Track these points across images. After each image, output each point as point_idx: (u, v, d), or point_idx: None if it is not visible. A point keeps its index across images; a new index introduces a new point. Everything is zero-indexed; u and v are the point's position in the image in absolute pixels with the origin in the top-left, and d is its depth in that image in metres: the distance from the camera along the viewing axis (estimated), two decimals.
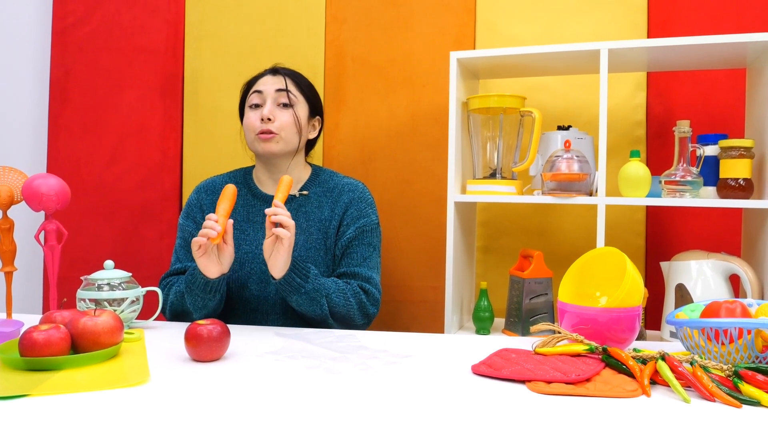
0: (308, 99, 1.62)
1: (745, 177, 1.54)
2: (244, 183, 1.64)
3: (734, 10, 1.85)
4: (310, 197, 1.60)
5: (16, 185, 1.41)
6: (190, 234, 1.59)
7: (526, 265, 1.71)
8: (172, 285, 1.54)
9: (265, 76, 1.61)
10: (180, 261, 1.60)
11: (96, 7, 2.29)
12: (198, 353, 1.12)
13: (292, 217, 1.36)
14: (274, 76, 1.60)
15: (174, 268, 1.59)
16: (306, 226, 1.56)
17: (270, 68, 1.63)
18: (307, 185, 1.62)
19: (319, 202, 1.59)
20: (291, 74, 1.62)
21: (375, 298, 1.52)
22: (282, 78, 1.59)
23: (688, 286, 1.57)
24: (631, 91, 1.93)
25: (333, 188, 1.61)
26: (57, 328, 1.07)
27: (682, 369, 0.99)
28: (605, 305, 1.20)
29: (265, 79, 1.60)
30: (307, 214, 1.58)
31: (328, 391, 0.98)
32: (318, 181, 1.63)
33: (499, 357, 1.13)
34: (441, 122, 1.99)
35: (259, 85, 1.59)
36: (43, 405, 0.90)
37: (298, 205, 1.59)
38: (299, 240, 1.54)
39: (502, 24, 2.02)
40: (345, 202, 1.59)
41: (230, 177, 1.67)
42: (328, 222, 1.57)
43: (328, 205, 1.59)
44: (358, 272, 1.52)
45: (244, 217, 1.59)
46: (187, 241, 1.60)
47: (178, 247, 1.62)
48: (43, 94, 2.35)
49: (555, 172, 1.63)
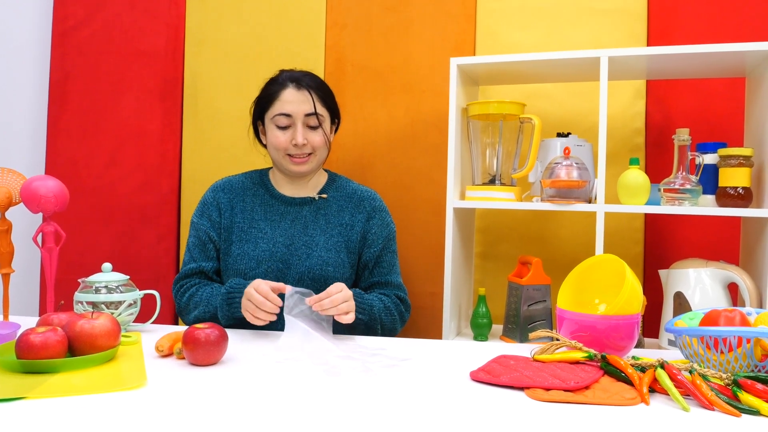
0: (331, 111, 1.63)
1: (744, 185, 1.54)
2: (261, 184, 1.65)
3: (734, 19, 1.85)
4: (329, 200, 1.63)
5: (15, 187, 1.40)
6: (205, 232, 1.59)
7: (524, 272, 1.71)
8: (192, 294, 1.54)
9: (288, 88, 1.56)
10: (195, 260, 1.59)
11: (96, 10, 2.29)
12: (195, 357, 1.12)
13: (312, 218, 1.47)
14: (298, 90, 1.56)
15: (189, 268, 1.58)
16: (326, 228, 1.60)
17: (291, 78, 1.58)
18: (325, 189, 1.65)
19: (339, 206, 1.63)
20: (315, 88, 1.58)
21: (408, 304, 1.63)
22: (308, 96, 1.55)
23: (686, 294, 1.57)
24: (631, 99, 1.93)
25: (351, 194, 1.65)
26: (54, 331, 1.06)
27: (681, 377, 0.98)
28: (604, 313, 1.20)
29: (289, 95, 1.55)
30: (327, 216, 1.61)
31: (326, 395, 0.98)
32: (335, 186, 1.67)
33: (498, 363, 1.12)
34: (440, 128, 2.00)
35: (285, 104, 1.55)
36: (39, 408, 0.89)
37: (318, 207, 1.62)
38: (320, 240, 1.57)
39: (502, 31, 2.02)
40: (367, 210, 1.63)
41: (247, 178, 1.67)
42: (350, 227, 1.61)
43: (349, 210, 1.63)
44: (391, 281, 1.61)
45: (262, 216, 1.60)
46: (201, 240, 1.60)
47: (191, 245, 1.61)
48: (42, 96, 2.35)
49: (554, 179, 1.63)
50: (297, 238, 1.57)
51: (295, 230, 1.58)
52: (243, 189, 1.64)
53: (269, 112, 1.58)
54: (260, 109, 1.62)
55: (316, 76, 1.62)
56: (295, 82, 1.57)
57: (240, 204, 1.62)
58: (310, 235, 1.58)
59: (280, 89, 1.57)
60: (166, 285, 2.22)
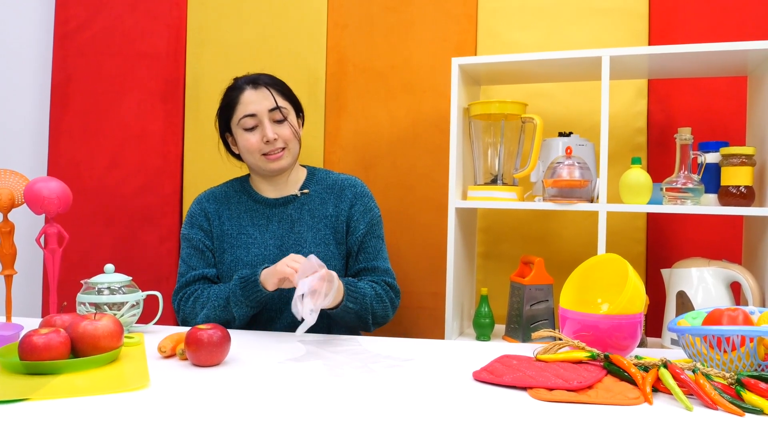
0: (293, 103, 1.63)
1: (746, 184, 1.54)
2: (243, 191, 1.66)
3: (735, 18, 1.85)
4: (311, 195, 1.63)
5: (17, 188, 1.40)
6: (200, 241, 1.60)
7: (526, 272, 1.71)
8: (197, 297, 1.53)
9: (247, 90, 1.57)
10: (194, 268, 1.59)
11: (98, 12, 2.30)
12: (198, 358, 1.12)
13: (297, 215, 1.45)
14: (256, 90, 1.57)
15: (191, 276, 1.57)
16: (312, 223, 1.60)
17: (247, 80, 1.59)
18: (306, 184, 1.66)
19: (321, 198, 1.63)
20: (272, 84, 1.59)
21: (397, 290, 1.61)
22: (267, 92, 1.57)
23: (689, 294, 1.57)
24: (632, 98, 1.93)
25: (332, 185, 1.65)
26: (57, 332, 1.06)
27: (685, 377, 0.98)
28: (607, 312, 1.20)
29: (249, 96, 1.57)
30: (312, 211, 1.61)
31: (329, 396, 0.98)
32: (315, 179, 1.67)
33: (500, 363, 1.12)
34: (442, 128, 2.00)
35: (248, 105, 1.56)
36: (42, 409, 0.89)
37: (301, 204, 1.62)
38: (308, 237, 1.58)
39: (503, 31, 2.02)
40: (349, 197, 1.63)
41: (229, 187, 1.68)
42: (335, 218, 1.61)
43: (332, 201, 1.63)
44: (377, 266, 1.60)
45: (249, 222, 1.61)
46: (198, 249, 1.60)
47: (186, 256, 1.61)
48: (44, 98, 2.35)
49: (556, 178, 1.63)
50: (286, 238, 1.58)
51: (283, 231, 1.59)
52: (226, 198, 1.65)
53: (234, 118, 1.59)
54: (225, 118, 1.62)
55: (270, 74, 1.63)
56: (251, 83, 1.58)
57: (226, 212, 1.62)
58: (297, 232, 1.58)
59: (239, 93, 1.58)
60: (169, 286, 2.22)
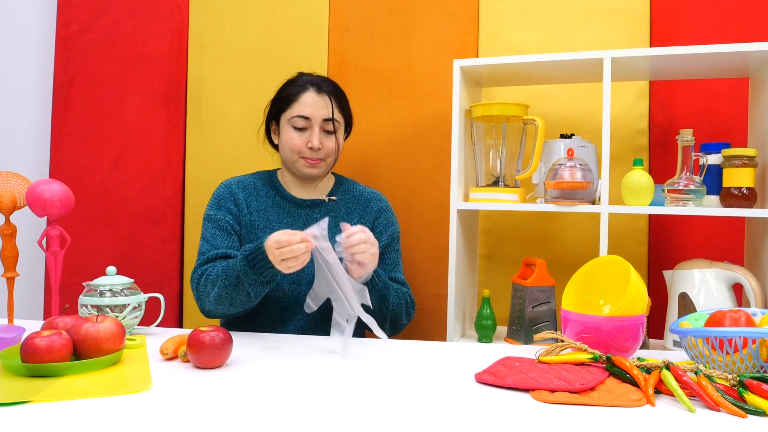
0: (346, 119, 1.66)
1: (748, 186, 1.54)
2: (271, 185, 1.66)
3: (737, 19, 1.85)
4: (338, 203, 1.65)
5: (19, 190, 1.41)
6: (228, 223, 1.57)
7: (528, 273, 1.71)
8: (208, 274, 1.46)
9: (309, 91, 1.59)
10: (217, 248, 1.53)
11: (100, 15, 2.30)
12: (200, 360, 1.12)
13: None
14: (318, 95, 1.59)
15: (213, 254, 1.51)
16: (337, 230, 1.59)
17: (312, 81, 1.60)
18: (334, 191, 1.68)
19: (348, 207, 1.66)
20: (335, 94, 1.61)
21: (413, 300, 1.63)
22: (328, 101, 1.59)
23: (691, 295, 1.57)
24: (634, 100, 1.93)
25: (359, 196, 1.68)
26: (59, 334, 1.06)
27: (687, 378, 0.98)
28: (609, 314, 1.20)
29: (309, 98, 1.58)
30: (337, 219, 1.61)
31: (330, 397, 0.98)
32: (343, 188, 1.70)
33: (503, 365, 1.12)
34: (444, 130, 2.00)
35: (305, 107, 1.57)
36: (44, 411, 0.89)
37: (327, 210, 1.64)
38: (332, 243, 1.56)
39: (505, 32, 2.02)
40: (374, 210, 1.67)
41: (256, 178, 1.68)
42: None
43: (357, 211, 1.66)
44: (396, 277, 1.62)
45: (276, 217, 1.61)
46: (225, 229, 1.56)
47: (210, 236, 1.55)
48: (46, 100, 2.36)
49: (558, 180, 1.63)
50: None
51: None
52: (255, 189, 1.64)
53: (287, 113, 1.60)
54: (276, 109, 1.63)
55: (334, 82, 1.65)
56: (315, 86, 1.59)
57: (255, 203, 1.62)
58: None
59: (300, 91, 1.59)
60: (171, 288, 2.23)
